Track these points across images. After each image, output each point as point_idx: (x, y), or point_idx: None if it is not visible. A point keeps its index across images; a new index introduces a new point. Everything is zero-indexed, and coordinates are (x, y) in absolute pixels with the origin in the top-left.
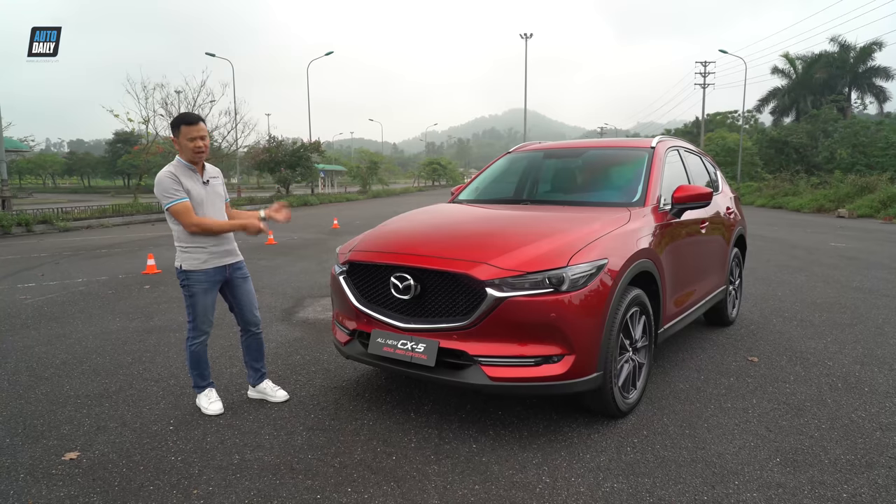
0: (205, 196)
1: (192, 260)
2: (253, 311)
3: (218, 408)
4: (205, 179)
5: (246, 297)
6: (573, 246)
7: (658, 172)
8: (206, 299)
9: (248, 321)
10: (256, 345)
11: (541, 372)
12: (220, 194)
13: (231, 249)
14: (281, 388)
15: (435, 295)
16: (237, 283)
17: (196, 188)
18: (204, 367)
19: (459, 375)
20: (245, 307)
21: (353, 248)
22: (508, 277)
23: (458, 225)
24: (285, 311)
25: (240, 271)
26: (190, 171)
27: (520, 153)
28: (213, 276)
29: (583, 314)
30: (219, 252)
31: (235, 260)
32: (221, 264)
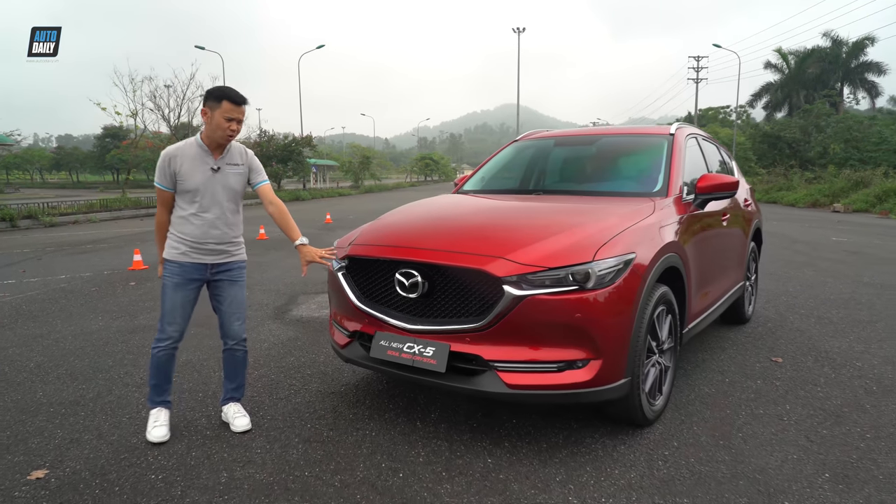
0: (206, 185)
1: (170, 248)
2: (233, 322)
3: (161, 434)
4: (216, 165)
5: (229, 304)
6: (598, 239)
7: (679, 161)
8: (174, 295)
9: (227, 332)
10: (232, 361)
11: (564, 379)
12: (233, 187)
13: (220, 248)
14: (244, 415)
15: (445, 293)
16: (221, 286)
17: (197, 175)
18: (163, 380)
19: (473, 382)
20: (226, 315)
21: (353, 241)
22: (528, 274)
23: (468, 216)
24: (278, 308)
25: (228, 273)
26: (202, 152)
27: (528, 141)
28: (190, 272)
29: (610, 314)
30: (202, 248)
31: (225, 260)
32: (202, 262)
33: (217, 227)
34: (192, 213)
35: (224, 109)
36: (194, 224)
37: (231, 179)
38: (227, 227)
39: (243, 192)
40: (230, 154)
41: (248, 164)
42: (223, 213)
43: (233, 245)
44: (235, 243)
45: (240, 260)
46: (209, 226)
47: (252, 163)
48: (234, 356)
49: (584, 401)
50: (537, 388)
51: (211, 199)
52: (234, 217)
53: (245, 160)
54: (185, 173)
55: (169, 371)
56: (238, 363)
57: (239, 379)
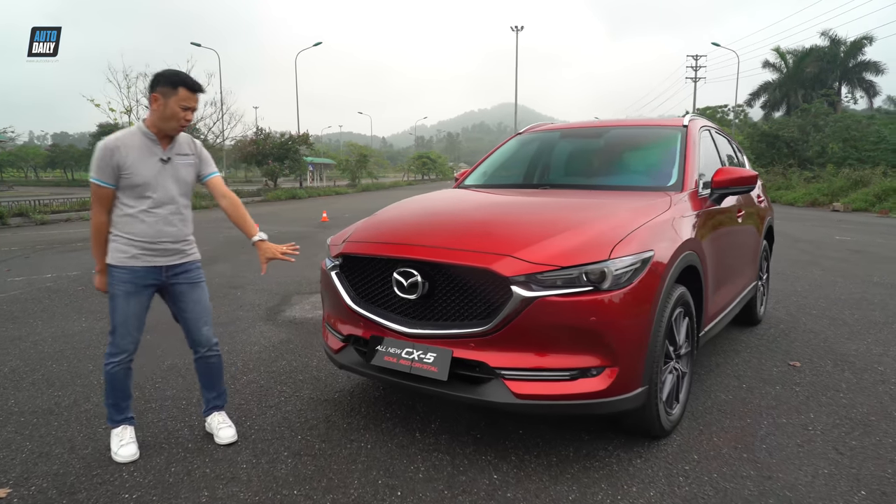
0: (156, 178)
1: (117, 252)
2: (201, 327)
3: (129, 452)
4: (166, 156)
5: (193, 308)
6: (613, 235)
7: (694, 153)
8: (127, 306)
9: (195, 340)
10: (207, 369)
11: (577, 388)
12: (185, 180)
13: (176, 247)
14: (229, 425)
15: (447, 294)
16: (181, 289)
17: (145, 167)
18: (121, 397)
19: (478, 392)
20: (191, 322)
21: (348, 238)
22: (538, 273)
23: (471, 211)
24: (270, 309)
25: (186, 275)
26: (149, 141)
27: (532, 134)
28: (143, 278)
29: (627, 317)
30: (155, 248)
31: (181, 260)
32: (156, 264)
33: (172, 223)
34: (143, 211)
35: (180, 97)
36: (146, 222)
37: (182, 171)
38: (183, 223)
39: (194, 185)
40: (178, 144)
41: (199, 155)
42: (178, 209)
43: (187, 244)
44: (190, 241)
45: (196, 259)
46: (163, 223)
47: (202, 153)
48: (208, 364)
49: (598, 412)
50: (548, 398)
51: (164, 193)
52: (187, 212)
53: (194, 150)
54: (131, 166)
55: (127, 387)
56: (214, 370)
57: (219, 386)
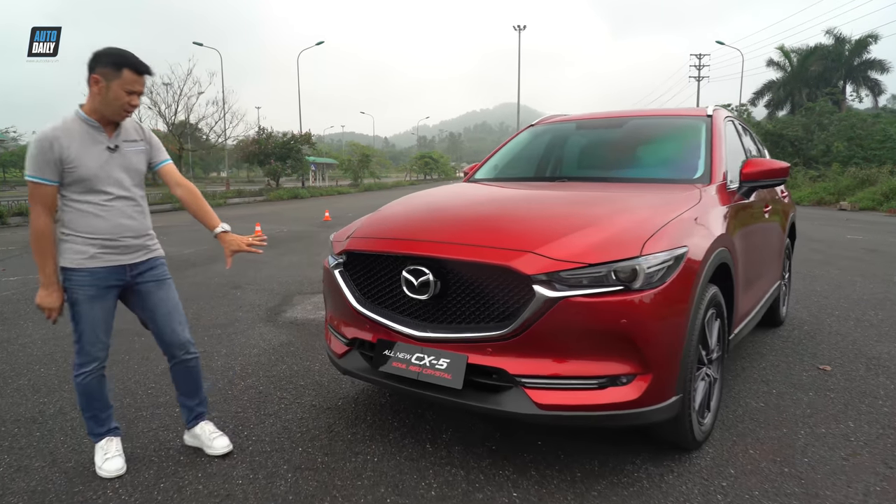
0: (104, 170)
1: (73, 253)
2: (175, 327)
3: (115, 467)
4: (113, 143)
5: (162, 308)
6: (643, 230)
7: (720, 144)
8: (92, 311)
9: (169, 343)
10: (186, 375)
11: (605, 397)
12: (136, 168)
13: (139, 243)
14: (222, 435)
15: (461, 295)
16: (147, 289)
17: (91, 158)
18: (99, 408)
19: (496, 401)
20: (163, 323)
21: (352, 234)
22: (562, 271)
23: (486, 205)
24: (270, 310)
25: (152, 272)
26: (92, 130)
27: (545, 125)
28: (105, 279)
29: (661, 319)
30: (117, 245)
31: (146, 257)
32: (118, 263)
33: (132, 217)
34: (99, 205)
35: (125, 80)
36: (103, 217)
37: (133, 159)
38: (142, 216)
39: (145, 172)
40: (125, 130)
41: (148, 140)
42: (135, 201)
43: (150, 238)
44: (152, 236)
45: (160, 256)
46: (123, 216)
47: (151, 138)
48: (188, 369)
49: (628, 423)
50: (573, 408)
51: (116, 185)
52: (145, 204)
53: (143, 135)
54: (75, 158)
55: (104, 396)
56: (193, 375)
57: (200, 393)
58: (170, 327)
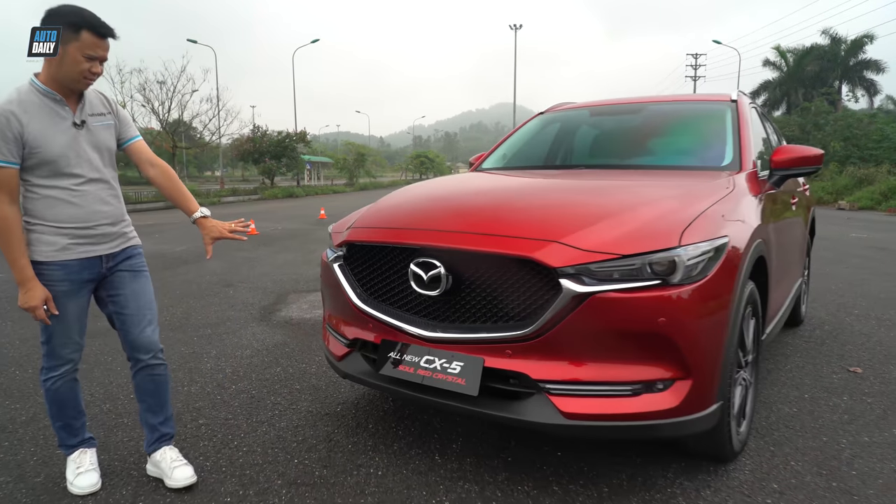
0: (72, 148)
1: (41, 245)
2: (145, 327)
3: (89, 483)
4: (79, 119)
5: (133, 303)
6: (679, 218)
7: (748, 130)
8: (64, 308)
9: (136, 345)
10: (151, 385)
11: (640, 405)
12: (106, 145)
13: (116, 230)
14: (185, 464)
15: (477, 290)
16: (122, 282)
17: (55, 136)
18: (72, 416)
19: (516, 410)
20: (132, 320)
21: (354, 223)
22: (592, 263)
23: (502, 193)
24: (264, 308)
25: (129, 262)
26: (52, 103)
27: (556, 113)
28: (79, 273)
29: (702, 317)
30: (91, 234)
31: (124, 245)
32: (93, 254)
33: (107, 201)
34: (69, 190)
35: (84, 43)
36: (76, 203)
37: (103, 135)
38: (117, 200)
39: (49, 51)
40: (90, 102)
41: (116, 114)
42: (109, 183)
43: (127, 225)
44: (128, 222)
45: (138, 244)
46: (97, 201)
47: (119, 112)
48: (153, 378)
49: (665, 435)
50: (604, 417)
51: (88, 165)
52: (118, 186)
53: (110, 108)
54: (37, 136)
55: (77, 402)
56: (159, 386)
57: (166, 408)
58: (139, 326)
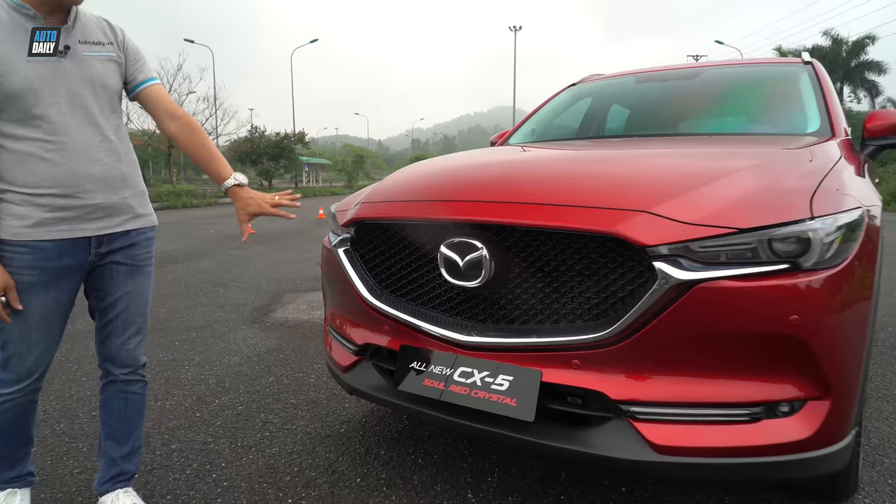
0: (43, 82)
1: (8, 217)
2: (128, 336)
3: None
4: (63, 44)
5: (123, 306)
6: (801, 184)
7: (833, 93)
8: (31, 305)
9: (111, 355)
10: (121, 405)
11: (760, 436)
12: (102, 82)
13: (111, 203)
14: None
15: (531, 280)
16: (114, 275)
17: (23, 63)
18: (15, 445)
19: (586, 441)
20: (116, 325)
21: (364, 198)
22: (695, 241)
23: (557, 159)
24: (257, 309)
25: (129, 251)
26: (26, 20)
27: (591, 84)
28: (56, 259)
29: (844, 314)
30: (72, 205)
31: (124, 227)
32: (79, 234)
33: (98, 160)
34: (43, 141)
35: None
36: (51, 160)
37: (98, 71)
38: (117, 159)
39: (121, 94)
40: (83, 26)
41: (122, 46)
42: (104, 135)
43: (135, 195)
44: (138, 193)
45: (149, 226)
46: (83, 159)
47: (128, 44)
48: (125, 395)
49: (791, 476)
50: (710, 453)
51: (69, 107)
52: (123, 139)
53: (114, 38)
54: None
55: (26, 429)
56: (133, 408)
57: (133, 439)
58: (122, 336)
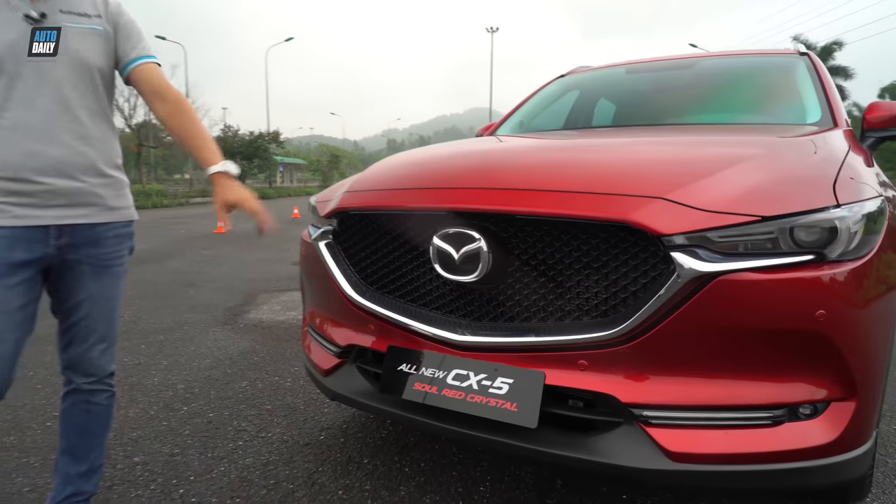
0: (11, 51)
1: None
2: (92, 343)
3: None
4: (36, 10)
5: (87, 310)
6: (821, 171)
7: (832, 84)
8: None
9: (74, 362)
10: (83, 418)
11: (783, 441)
12: (81, 57)
13: (74, 189)
14: None
15: (533, 273)
16: (78, 275)
17: None
18: None
19: (594, 449)
20: (76, 331)
21: (349, 187)
22: (714, 230)
23: (558, 146)
24: (229, 310)
25: (95, 249)
26: None
27: (580, 75)
28: (7, 250)
29: (870, 309)
30: (25, 190)
31: (90, 219)
32: (33, 222)
33: (60, 141)
34: None
35: None
36: (2, 137)
37: (77, 42)
38: (85, 143)
39: (111, 74)
40: None
41: (111, 19)
42: (70, 111)
43: (107, 184)
44: (110, 182)
45: (120, 220)
46: (41, 138)
47: (120, 18)
48: (88, 406)
49: (814, 484)
50: (729, 459)
51: (35, 79)
52: (96, 121)
53: (104, 10)
54: None
55: None
56: (97, 421)
57: (94, 455)
58: (84, 343)
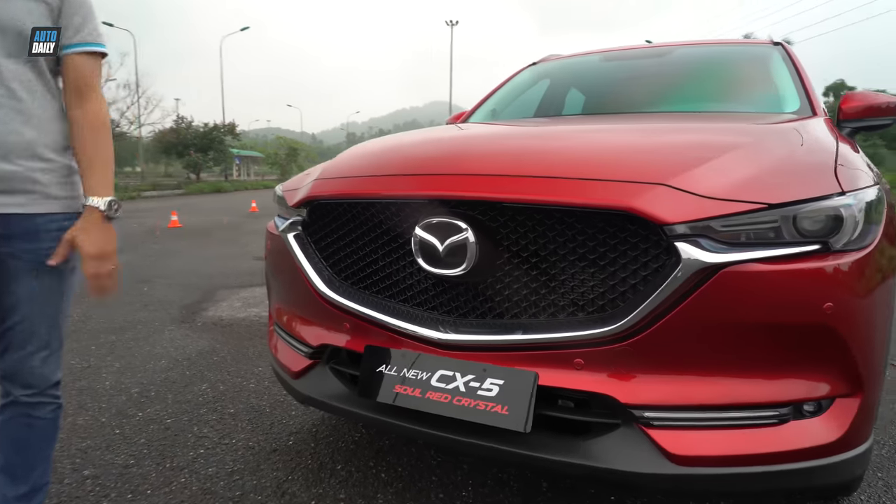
0: None
1: None
2: (36, 350)
3: None
4: None
5: (23, 313)
6: (819, 158)
7: (806, 74)
8: None
9: (7, 370)
10: (24, 434)
11: (788, 440)
12: (16, 22)
13: (8, 170)
14: None
15: (525, 266)
16: (12, 273)
17: None
18: None
19: (590, 453)
20: (11, 337)
21: (319, 174)
22: (717, 218)
23: (547, 131)
24: (187, 308)
25: (29, 242)
26: None
27: (553, 63)
28: None
29: (875, 300)
30: None
31: (21, 209)
32: None
33: None
34: None
35: None
36: None
37: (14, 5)
38: (16, 114)
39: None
40: None
41: None
42: (2, 83)
43: (46, 167)
44: (49, 162)
45: (63, 211)
46: None
47: None
48: (29, 421)
49: (818, 484)
50: (735, 461)
51: None
52: (35, 98)
53: None
54: None
55: None
56: (38, 439)
57: (35, 475)
58: (21, 349)
